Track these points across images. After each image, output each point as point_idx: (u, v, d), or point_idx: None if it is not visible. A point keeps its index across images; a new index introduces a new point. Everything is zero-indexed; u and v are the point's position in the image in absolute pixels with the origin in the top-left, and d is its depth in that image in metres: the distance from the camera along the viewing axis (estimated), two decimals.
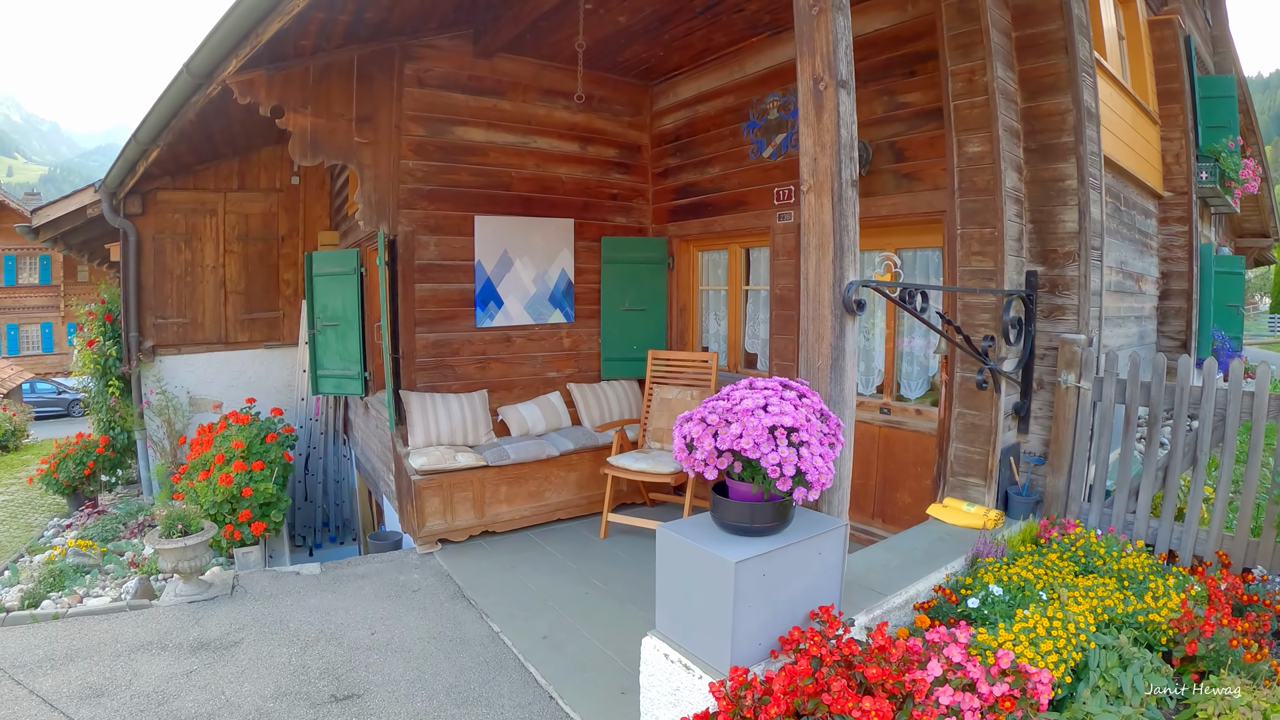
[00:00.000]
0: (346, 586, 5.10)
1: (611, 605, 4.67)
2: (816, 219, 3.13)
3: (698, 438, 2.57)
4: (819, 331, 3.05)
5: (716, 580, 2.50)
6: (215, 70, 5.30)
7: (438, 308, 6.00)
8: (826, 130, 3.13)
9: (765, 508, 2.58)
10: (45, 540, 7.39)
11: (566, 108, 6.48)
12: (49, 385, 25.74)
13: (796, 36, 3.24)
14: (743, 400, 2.59)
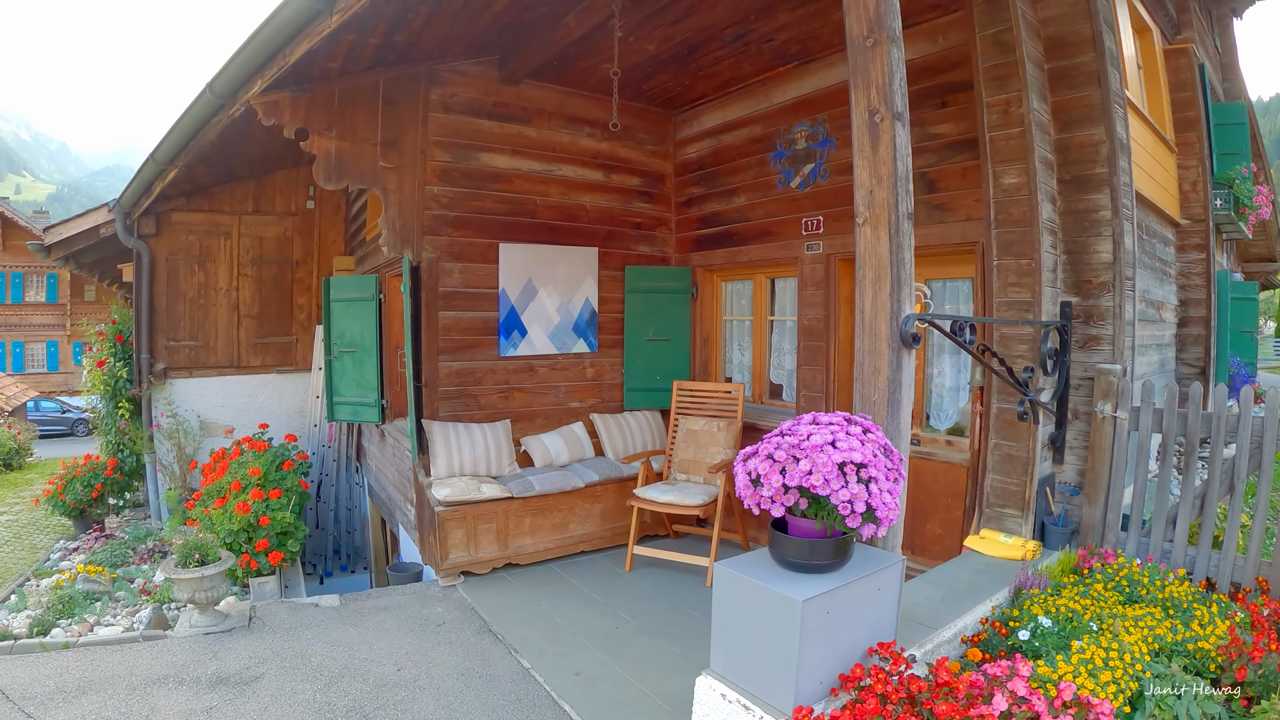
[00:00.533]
0: (368, 620, 4.92)
1: (643, 639, 4.51)
2: (873, 252, 3.07)
3: (765, 474, 2.49)
4: (875, 365, 2.99)
5: (780, 618, 2.42)
6: (239, 90, 5.20)
7: (461, 336, 5.84)
8: (883, 163, 3.08)
9: (826, 544, 2.51)
10: (52, 564, 7.18)
11: (591, 135, 6.38)
12: (53, 404, 25.36)
13: (850, 68, 3.19)
14: (810, 436, 2.50)
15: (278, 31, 4.45)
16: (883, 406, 2.94)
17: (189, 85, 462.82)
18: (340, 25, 4.25)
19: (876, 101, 3.10)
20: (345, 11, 4.13)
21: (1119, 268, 4.44)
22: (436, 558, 5.39)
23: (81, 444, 22.59)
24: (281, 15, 4.33)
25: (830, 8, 5.01)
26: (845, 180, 5.45)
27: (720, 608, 2.67)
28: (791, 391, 6.15)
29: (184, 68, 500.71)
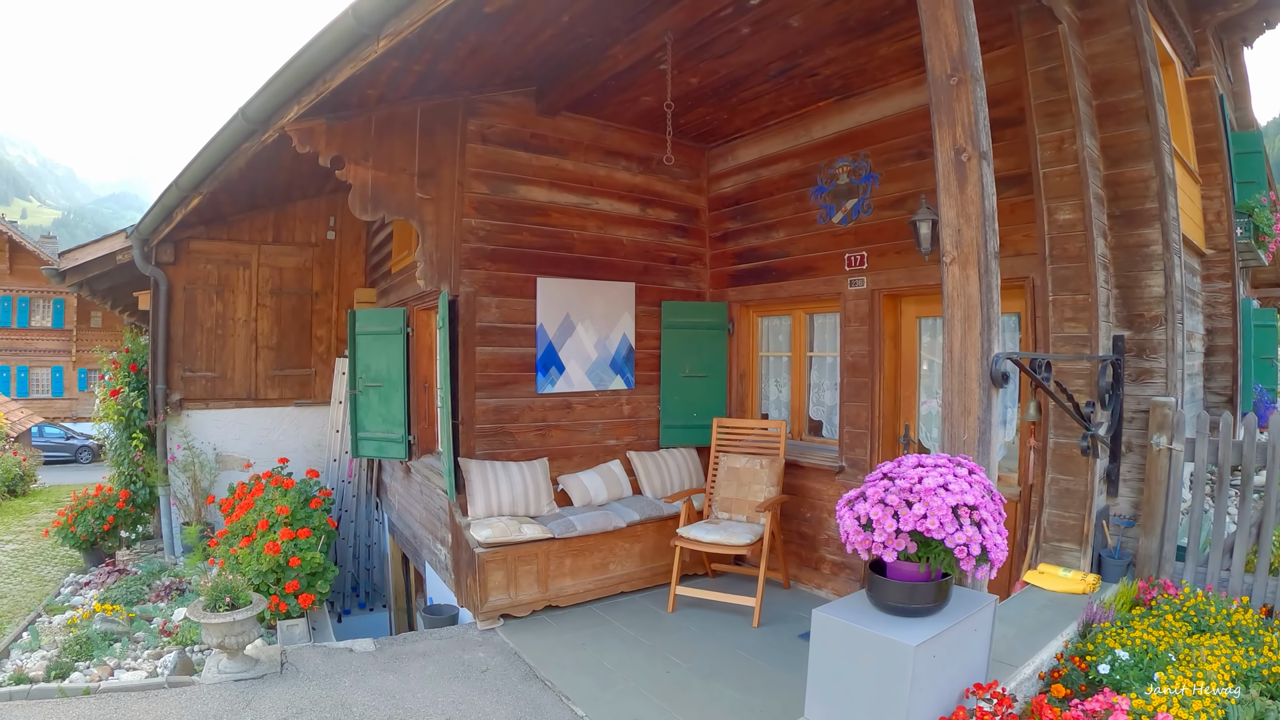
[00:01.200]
0: (408, 666, 4.63)
1: (696, 683, 4.29)
2: (961, 291, 2.98)
3: (877, 519, 2.43)
4: (965, 405, 2.91)
5: (889, 665, 2.35)
6: (272, 116, 5.01)
7: (498, 372, 5.61)
8: (971, 202, 2.99)
9: (929, 588, 2.47)
10: (63, 599, 6.81)
11: (627, 169, 6.22)
12: (57, 430, 24.78)
13: (933, 106, 3.11)
14: (923, 480, 2.46)
15: (319, 56, 4.28)
16: (974, 446, 2.86)
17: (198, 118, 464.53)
18: (386, 51, 4.10)
19: (963, 140, 3.03)
20: (393, 37, 3.98)
21: (1170, 301, 4.37)
22: (476, 600, 5.13)
23: (85, 471, 21.98)
24: (324, 39, 4.17)
25: (878, 43, 4.90)
26: (889, 216, 5.33)
27: (819, 655, 2.58)
28: (832, 428, 5.97)
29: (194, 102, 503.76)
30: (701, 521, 5.60)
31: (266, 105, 4.90)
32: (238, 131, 5.31)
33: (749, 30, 4.76)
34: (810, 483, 5.79)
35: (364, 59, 4.17)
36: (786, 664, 4.52)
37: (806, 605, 5.54)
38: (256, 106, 4.95)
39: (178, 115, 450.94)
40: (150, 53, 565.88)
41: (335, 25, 4.08)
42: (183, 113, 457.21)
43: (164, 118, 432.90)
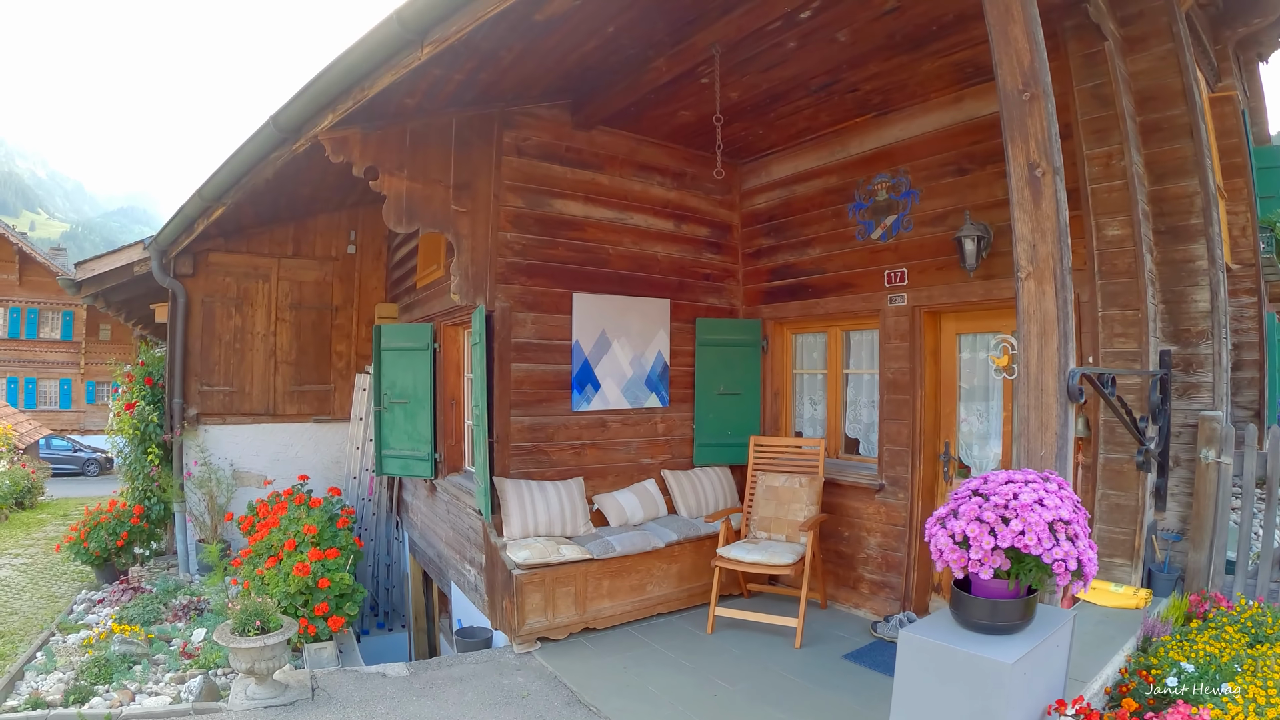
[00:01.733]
0: (444, 692, 4.42)
1: (745, 706, 4.13)
2: (1038, 306, 2.95)
3: (974, 536, 2.42)
4: (1043, 420, 2.87)
5: (984, 683, 2.36)
6: (305, 125, 4.85)
7: (534, 389, 5.45)
8: (1046, 217, 2.96)
9: (1016, 605, 2.47)
10: (76, 616, 6.54)
11: (661, 184, 6.10)
12: (64, 442, 24.59)
13: (1004, 122, 3.08)
14: (1018, 495, 2.45)
15: (359, 62, 4.14)
16: (1051, 461, 2.82)
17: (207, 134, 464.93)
18: (430, 58, 3.96)
19: (1036, 155, 2.99)
20: (438, 44, 3.85)
21: (1216, 316, 4.35)
22: (512, 623, 4.94)
23: (92, 484, 21.88)
24: (366, 45, 4.03)
25: (921, 59, 4.79)
26: (930, 232, 5.24)
27: (906, 675, 2.57)
28: (869, 446, 5.83)
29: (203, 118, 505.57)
30: (740, 541, 5.42)
31: (300, 113, 4.75)
32: (268, 140, 5.16)
33: (795, 44, 4.65)
34: (848, 501, 5.64)
35: (406, 66, 4.04)
36: (834, 685, 4.38)
37: (846, 625, 5.43)
38: (289, 114, 4.79)
39: (187, 131, 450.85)
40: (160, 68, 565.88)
41: (378, 30, 3.94)
42: (192, 129, 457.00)
43: (173, 133, 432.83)
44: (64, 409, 28.46)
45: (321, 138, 4.79)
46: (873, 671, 4.55)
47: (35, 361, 27.96)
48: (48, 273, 27.05)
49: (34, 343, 27.90)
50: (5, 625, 6.45)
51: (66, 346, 28.32)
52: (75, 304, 27.66)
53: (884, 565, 5.49)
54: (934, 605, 5.37)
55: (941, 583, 5.37)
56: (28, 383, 28.03)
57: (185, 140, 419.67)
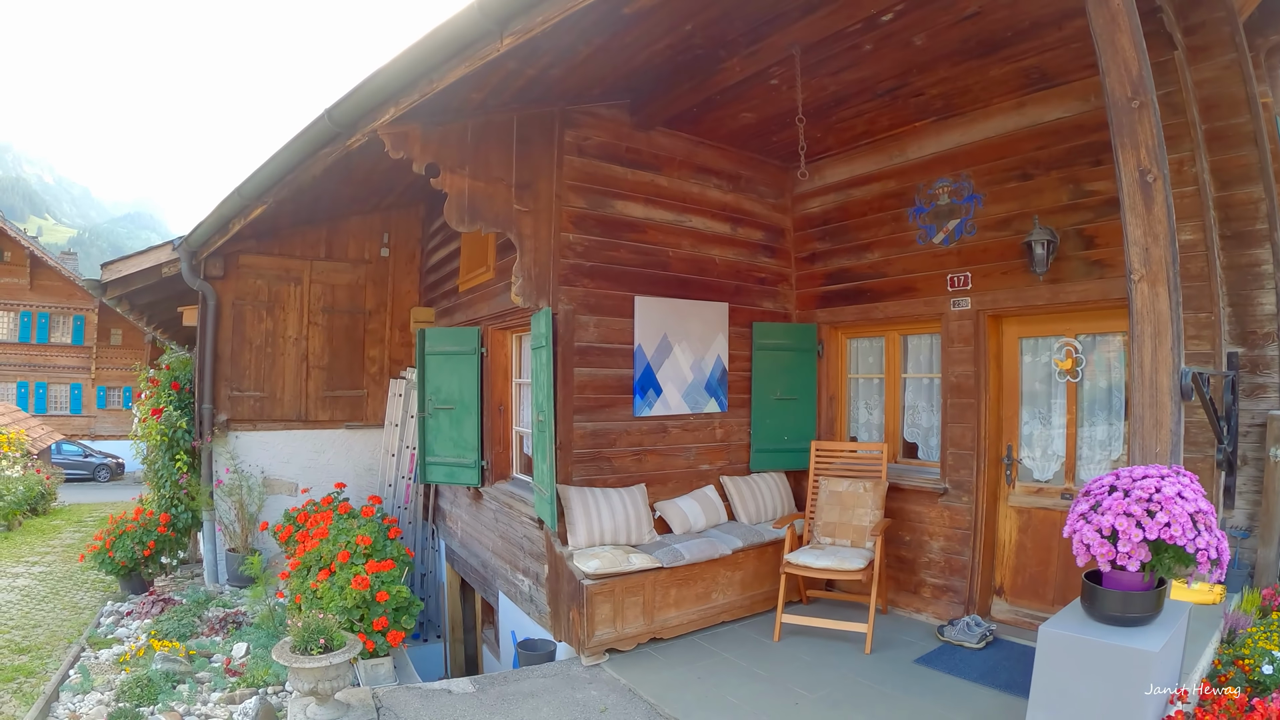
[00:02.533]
0: (517, 708, 4.26)
1: (829, 713, 4.09)
2: (1151, 308, 3.05)
3: (1123, 530, 2.54)
4: (1157, 418, 2.98)
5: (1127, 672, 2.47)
6: (363, 119, 4.72)
7: (596, 394, 5.34)
8: (1158, 221, 3.07)
9: (1149, 596, 2.60)
10: (105, 630, 6.32)
11: (718, 187, 6.03)
12: (75, 448, 24.40)
13: (1114, 129, 3.18)
14: (1161, 489, 2.56)
15: (430, 54, 4.01)
16: (1165, 458, 2.92)
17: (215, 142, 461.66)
18: (508, 51, 3.85)
19: (1147, 161, 3.10)
20: (520, 35, 3.74)
21: None
22: (581, 635, 4.79)
23: (104, 490, 21.85)
24: (440, 35, 3.89)
25: (990, 65, 4.78)
26: (994, 236, 5.23)
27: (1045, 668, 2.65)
28: (928, 450, 5.81)
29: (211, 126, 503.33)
30: (806, 547, 5.36)
31: (358, 106, 4.60)
32: (321, 134, 5.01)
33: (871, 47, 4.62)
34: (910, 505, 5.61)
35: (481, 58, 3.91)
36: (913, 690, 4.34)
37: (910, 630, 5.36)
38: (346, 108, 4.64)
39: (194, 137, 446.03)
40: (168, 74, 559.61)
41: (456, 20, 3.81)
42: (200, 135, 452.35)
43: (181, 139, 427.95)
44: (75, 414, 28.09)
45: (381, 132, 4.66)
46: (947, 675, 4.52)
47: (46, 366, 27.64)
48: (59, 277, 26.76)
49: (45, 347, 27.54)
50: (31, 639, 6.21)
51: (78, 351, 27.95)
52: (87, 308, 27.41)
53: (947, 569, 5.44)
54: (995, 608, 5.42)
55: (1004, 585, 5.44)
56: (38, 387, 27.62)
57: (193, 147, 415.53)
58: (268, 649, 5.50)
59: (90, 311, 27.62)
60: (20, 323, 27.20)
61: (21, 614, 6.79)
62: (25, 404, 26.22)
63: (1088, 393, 5.19)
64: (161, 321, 10.00)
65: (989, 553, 5.44)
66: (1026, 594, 5.34)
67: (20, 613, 6.82)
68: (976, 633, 5.07)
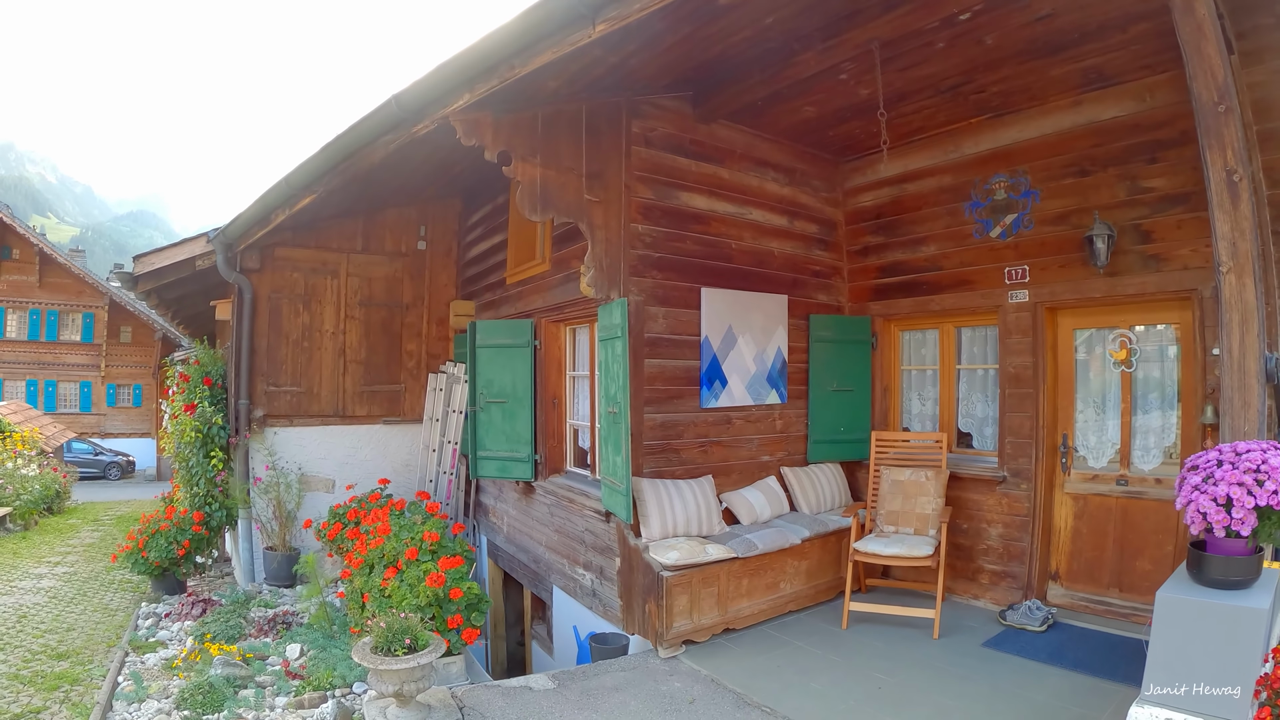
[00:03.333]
0: (604, 702, 4.31)
1: (916, 696, 4.24)
2: (1239, 298, 3.27)
3: (1237, 498, 2.78)
4: (1245, 400, 3.24)
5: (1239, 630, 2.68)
6: (432, 105, 4.70)
7: (665, 386, 5.41)
8: (1244, 217, 3.34)
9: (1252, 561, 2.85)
10: (146, 633, 6.19)
11: (775, 180, 6.12)
12: (86, 446, 24.32)
13: (1200, 130, 3.42)
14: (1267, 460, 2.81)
15: (514, 38, 4.02)
16: (1254, 434, 3.16)
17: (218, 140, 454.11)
18: (600, 37, 3.87)
19: (1233, 162, 3.39)
20: (614, 21, 3.77)
21: None
22: (658, 627, 4.84)
23: (115, 488, 21.76)
24: (530, 19, 3.91)
25: (1053, 64, 4.99)
26: (1052, 231, 5.42)
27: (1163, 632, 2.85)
28: (982, 440, 5.97)
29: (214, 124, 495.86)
30: (870, 535, 5.48)
31: (430, 92, 4.57)
32: (386, 120, 4.98)
33: (944, 45, 4.75)
34: (967, 494, 5.76)
35: (571, 43, 3.92)
36: (989, 672, 4.50)
37: (970, 616, 5.55)
38: (416, 93, 4.61)
39: (197, 136, 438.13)
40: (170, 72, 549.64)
41: (549, 4, 3.83)
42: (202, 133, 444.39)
43: (184, 137, 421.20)
44: (84, 412, 27.91)
45: (453, 119, 4.65)
46: (1016, 657, 4.70)
47: (55, 364, 27.48)
48: (69, 274, 26.50)
49: (54, 345, 27.25)
50: (67, 643, 6.05)
51: (87, 349, 27.72)
52: (96, 306, 27.19)
53: (1005, 555, 5.59)
54: (1051, 593, 5.64)
55: (1059, 570, 5.74)
56: (48, 385, 27.31)
57: (196, 145, 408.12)
58: (325, 649, 5.45)
59: (100, 309, 27.39)
60: (29, 320, 27.04)
61: (52, 617, 6.76)
62: (34, 402, 25.81)
63: (1141, 382, 5.46)
64: (187, 316, 9.94)
65: (1046, 539, 5.76)
66: (1082, 578, 5.58)
67: (51, 615, 6.80)
68: (1038, 616, 5.34)
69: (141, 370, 28.82)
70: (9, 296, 26.46)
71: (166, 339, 27.84)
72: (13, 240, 26.22)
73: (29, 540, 10.26)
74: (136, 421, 28.92)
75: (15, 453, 13.37)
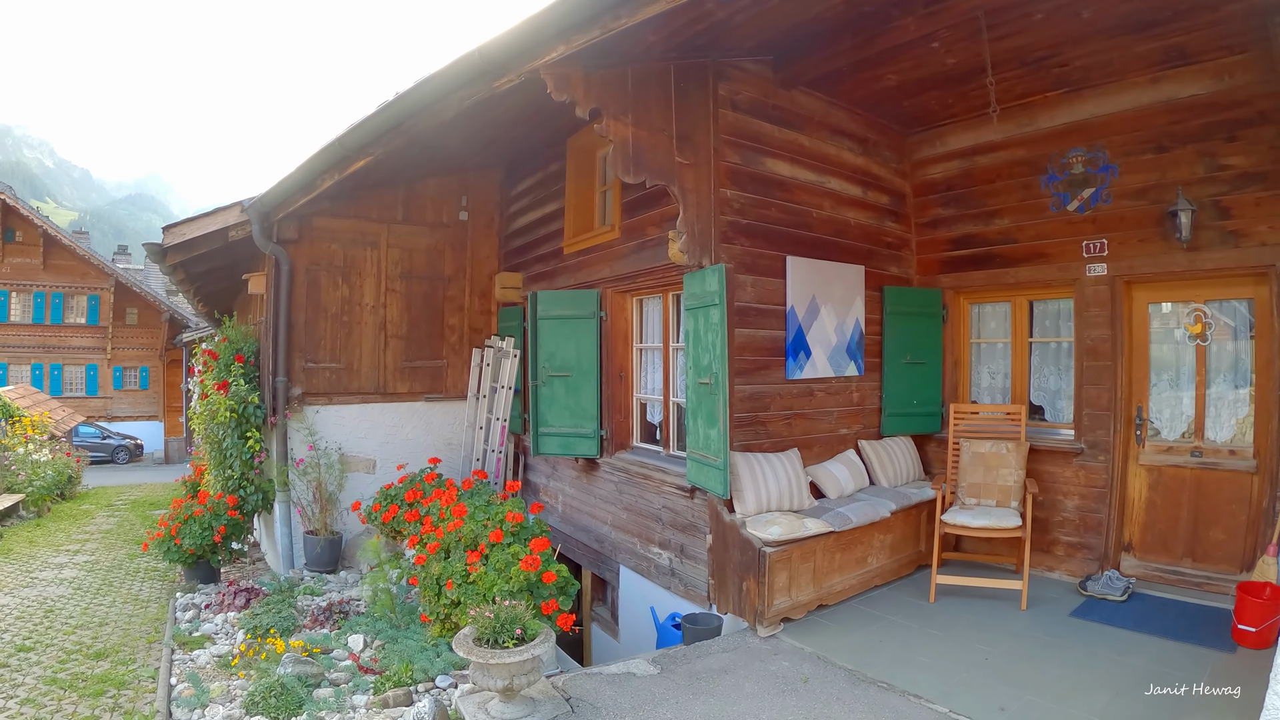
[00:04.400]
0: (715, 686, 4.07)
1: (1023, 667, 4.15)
2: None
3: None
4: None
5: None
6: (520, 58, 4.31)
7: (754, 356, 5.13)
8: None
9: None
10: (189, 627, 5.69)
11: (850, 149, 5.89)
12: (93, 430, 23.38)
13: None
14: None
15: None
16: None
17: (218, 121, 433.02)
18: None
19: None
20: None
21: None
22: (758, 605, 4.61)
23: (123, 472, 20.88)
24: None
25: (1140, 40, 4.88)
26: (1131, 205, 5.31)
27: None
28: (1055, 412, 5.86)
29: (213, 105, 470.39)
30: (953, 508, 5.31)
31: (519, 42, 4.19)
32: (465, 73, 4.55)
33: (1042, 16, 4.57)
34: (1043, 466, 5.62)
35: None
36: (1083, 639, 4.43)
37: (1047, 587, 5.43)
38: (503, 45, 4.23)
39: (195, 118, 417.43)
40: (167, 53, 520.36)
41: None
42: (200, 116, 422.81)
43: (181, 120, 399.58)
44: (90, 395, 26.66)
45: (544, 72, 4.30)
46: (1106, 625, 4.66)
47: (60, 347, 26.16)
48: (73, 255, 25.22)
49: (59, 328, 25.85)
50: (102, 640, 5.50)
51: (92, 331, 26.35)
52: (101, 288, 25.91)
53: (1081, 527, 5.47)
54: (1125, 564, 5.65)
55: (1132, 541, 5.68)
56: (53, 369, 25.98)
57: (194, 127, 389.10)
58: (395, 640, 5.06)
59: (105, 290, 26.12)
60: (34, 303, 25.72)
61: (81, 610, 6.13)
62: (39, 386, 24.55)
63: (1215, 355, 5.38)
64: (209, 293, 9.21)
65: (1123, 510, 5.66)
66: (1155, 549, 5.51)
67: (79, 609, 6.16)
68: (1119, 586, 5.24)
69: (148, 352, 27.66)
70: (12, 279, 25.11)
71: (174, 320, 26.70)
72: (15, 222, 24.87)
73: (44, 527, 9.50)
74: (143, 404, 27.81)
75: (26, 438, 12.41)
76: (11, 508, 9.78)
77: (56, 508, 11.11)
